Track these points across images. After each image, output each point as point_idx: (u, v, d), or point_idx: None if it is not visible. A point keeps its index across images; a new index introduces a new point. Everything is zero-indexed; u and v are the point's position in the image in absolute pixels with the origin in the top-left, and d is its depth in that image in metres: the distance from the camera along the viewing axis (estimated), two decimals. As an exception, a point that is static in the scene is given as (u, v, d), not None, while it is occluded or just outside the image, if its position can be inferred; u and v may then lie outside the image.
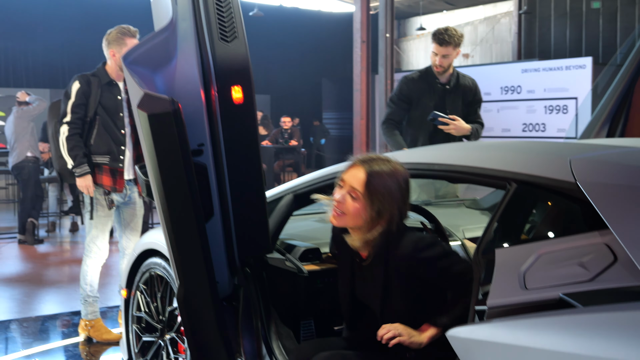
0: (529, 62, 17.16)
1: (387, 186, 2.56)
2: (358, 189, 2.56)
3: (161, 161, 2.46)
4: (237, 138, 2.69)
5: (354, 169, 2.60)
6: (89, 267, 4.87)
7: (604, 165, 2.34)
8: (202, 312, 2.80)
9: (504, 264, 2.23)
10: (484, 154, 2.67)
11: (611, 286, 1.93)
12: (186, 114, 2.48)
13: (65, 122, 4.67)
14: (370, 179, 2.56)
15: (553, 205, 2.43)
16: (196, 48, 2.59)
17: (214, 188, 2.73)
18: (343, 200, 2.59)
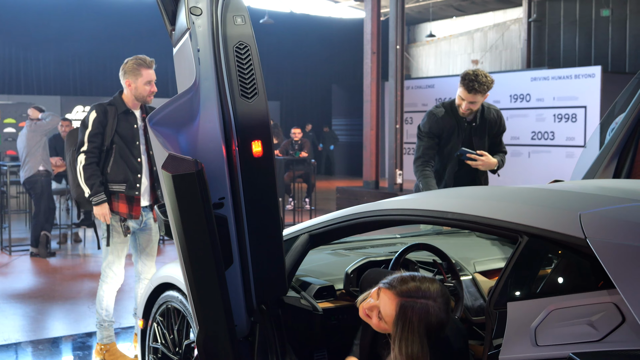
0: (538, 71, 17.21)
1: (414, 327, 2.47)
2: (384, 317, 2.54)
3: (184, 217, 2.54)
4: (256, 190, 2.77)
5: (389, 295, 2.53)
6: (105, 292, 4.95)
7: (613, 222, 2.39)
8: (221, 355, 2.88)
9: (515, 318, 2.30)
10: (496, 205, 2.72)
11: (619, 348, 1.99)
12: (208, 170, 2.55)
13: (82, 151, 4.76)
14: (399, 317, 2.49)
15: (563, 259, 2.49)
16: (218, 106, 2.66)
17: (234, 238, 2.80)
18: (371, 311, 2.59)
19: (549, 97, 15.79)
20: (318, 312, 3.31)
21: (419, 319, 2.45)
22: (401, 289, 2.51)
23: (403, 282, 2.52)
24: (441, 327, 2.52)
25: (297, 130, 13.45)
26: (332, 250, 4.15)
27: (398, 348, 2.46)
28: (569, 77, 15.95)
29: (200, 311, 2.77)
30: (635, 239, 2.26)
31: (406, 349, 2.44)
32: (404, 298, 2.49)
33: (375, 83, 13.08)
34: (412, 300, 2.48)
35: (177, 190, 2.46)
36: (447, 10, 24.21)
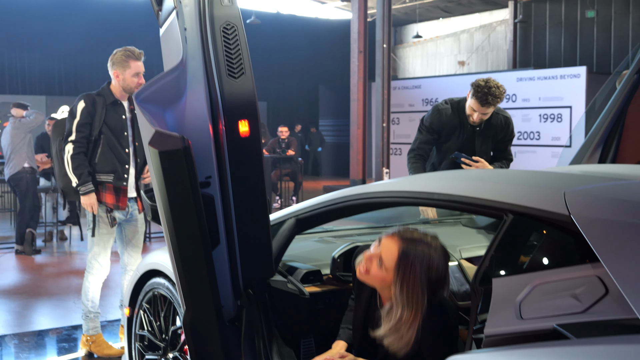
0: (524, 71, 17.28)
1: (415, 279, 2.55)
2: (385, 262, 2.59)
3: (170, 194, 2.54)
4: (243, 170, 2.77)
5: (392, 241, 2.61)
6: (91, 283, 4.94)
7: (598, 199, 2.42)
8: (208, 336, 2.88)
9: (500, 293, 2.31)
10: (482, 185, 2.74)
11: (603, 318, 2.01)
12: (195, 149, 2.56)
13: (70, 141, 4.75)
14: (401, 260, 2.57)
15: (548, 236, 2.51)
16: (205, 85, 2.67)
17: (221, 218, 2.80)
18: (371, 261, 2.63)
19: (535, 98, 15.86)
20: (305, 295, 3.32)
21: (420, 263, 2.54)
22: (404, 234, 2.60)
23: (406, 230, 2.62)
24: (440, 280, 2.59)
25: (284, 129, 13.46)
26: (319, 238, 4.16)
27: (399, 289, 2.53)
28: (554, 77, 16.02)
29: (186, 291, 2.77)
30: (618, 215, 2.28)
31: (407, 290, 2.52)
32: (406, 242, 2.57)
33: (362, 82, 13.11)
34: (414, 246, 2.56)
35: (163, 166, 2.46)
36: (434, 12, 24.28)
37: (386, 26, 12.85)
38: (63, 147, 4.79)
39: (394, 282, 2.57)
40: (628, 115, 4.14)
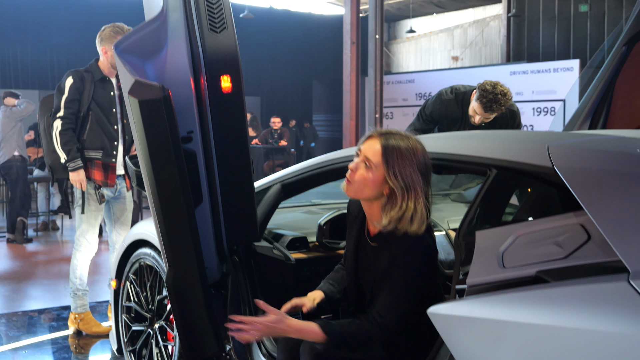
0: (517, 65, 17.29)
1: (404, 162, 2.51)
2: (372, 159, 2.53)
3: (151, 146, 2.52)
4: (226, 126, 2.76)
5: (371, 141, 2.56)
6: (79, 260, 4.92)
7: (580, 151, 2.42)
8: (190, 296, 2.86)
9: (483, 245, 2.30)
10: (466, 142, 2.74)
11: (584, 262, 2.00)
12: (176, 102, 2.54)
13: (58, 117, 4.72)
14: (385, 151, 2.52)
15: (531, 189, 2.51)
16: (186, 38, 2.65)
17: (203, 175, 2.79)
18: (355, 169, 2.56)
19: (528, 91, 15.86)
20: (290, 261, 3.31)
21: (405, 147, 2.51)
22: (380, 132, 2.57)
23: (380, 129, 2.60)
24: (427, 165, 2.56)
25: (276, 120, 13.45)
26: (306, 210, 4.15)
27: (394, 176, 2.49)
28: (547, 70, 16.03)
29: (169, 249, 2.75)
30: (600, 164, 2.28)
31: (401, 173, 2.48)
32: (385, 136, 2.55)
33: (354, 73, 13.08)
34: (393, 137, 2.54)
35: (144, 116, 2.44)
36: (427, 7, 24.27)
37: (378, 17, 12.83)
38: (51, 123, 4.77)
39: (387, 173, 2.50)
40: (616, 88, 4.14)
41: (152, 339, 3.64)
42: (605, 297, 1.85)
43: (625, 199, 2.06)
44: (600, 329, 1.81)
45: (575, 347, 1.85)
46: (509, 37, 21.81)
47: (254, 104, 21.80)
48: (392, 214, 2.50)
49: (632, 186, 2.10)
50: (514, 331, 1.98)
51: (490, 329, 2.05)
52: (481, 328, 2.07)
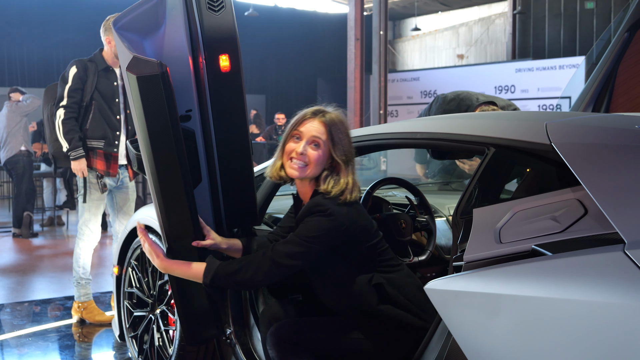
0: (522, 62, 17.27)
1: (344, 136, 2.66)
2: (320, 137, 2.62)
3: (149, 123, 2.53)
4: (224, 106, 2.76)
5: (310, 121, 2.65)
6: (82, 249, 4.94)
7: (577, 127, 2.42)
8: (190, 278, 2.86)
9: (480, 222, 2.31)
10: (464, 122, 2.75)
11: (580, 235, 2.01)
12: (174, 80, 2.55)
13: (61, 106, 4.75)
14: (330, 128, 2.63)
15: (529, 167, 2.51)
16: (184, 17, 2.66)
17: (202, 154, 2.79)
18: (305, 151, 2.62)
19: (534, 88, 15.86)
20: (290, 245, 3.31)
21: (340, 120, 2.67)
22: (314, 110, 2.69)
23: (310, 110, 2.71)
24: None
25: (281, 116, 13.45)
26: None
27: (339, 150, 2.62)
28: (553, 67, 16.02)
29: (168, 229, 2.76)
30: (597, 139, 2.28)
31: (343, 147, 2.63)
32: (322, 114, 2.67)
33: (359, 70, 13.10)
34: (329, 114, 2.67)
35: (142, 93, 2.45)
36: (432, 5, 24.25)
37: (382, 13, 12.85)
38: (54, 112, 4.79)
39: (332, 149, 2.62)
40: (618, 74, 4.14)
41: (154, 324, 3.65)
42: (601, 267, 1.86)
43: (621, 172, 2.07)
44: (595, 300, 1.82)
45: (571, 318, 1.86)
46: (514, 35, 21.78)
47: (259, 101, 21.83)
48: (336, 188, 2.59)
49: (628, 159, 2.11)
50: (510, 304, 1.99)
51: (486, 302, 2.05)
52: (477, 302, 2.08)
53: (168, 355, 3.52)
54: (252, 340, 3.23)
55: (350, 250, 2.63)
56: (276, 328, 2.67)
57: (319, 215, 2.55)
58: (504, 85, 16.39)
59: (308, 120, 2.66)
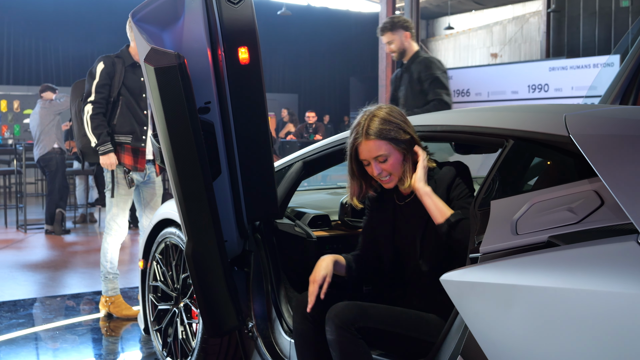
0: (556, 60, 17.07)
1: (392, 130, 2.65)
2: (381, 153, 2.64)
3: (168, 115, 2.55)
4: (244, 98, 2.78)
5: (364, 144, 2.66)
6: (109, 244, 4.99)
7: (596, 119, 2.40)
8: (209, 267, 2.88)
9: (498, 213, 2.30)
10: (483, 115, 2.74)
11: (596, 226, 1.99)
12: (193, 72, 2.57)
13: (89, 102, 4.80)
14: (379, 137, 2.63)
15: (547, 159, 2.49)
16: (203, 9, 2.68)
17: (222, 146, 2.81)
18: (380, 170, 2.66)
19: (567, 87, 15.67)
20: (312, 239, 3.32)
21: (380, 118, 2.66)
22: (358, 131, 2.67)
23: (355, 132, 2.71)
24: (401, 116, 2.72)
25: (311, 114, 13.47)
26: (331, 192, 4.17)
27: (398, 144, 2.65)
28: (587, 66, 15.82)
29: (187, 221, 2.78)
30: (614, 130, 2.26)
31: (397, 139, 2.65)
32: (365, 130, 2.65)
33: (390, 68, 13.07)
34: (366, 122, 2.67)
35: (160, 84, 2.47)
36: (466, 4, 24.12)
37: (414, 10, 12.80)
38: (82, 108, 4.85)
39: (394, 149, 2.65)
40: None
41: (177, 318, 3.68)
42: (615, 257, 1.84)
43: (637, 163, 2.04)
44: (609, 290, 1.80)
45: (585, 308, 1.84)
46: (548, 34, 21.58)
47: (292, 100, 21.88)
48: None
49: (645, 149, 2.08)
50: (526, 295, 1.98)
51: (501, 293, 2.04)
52: (493, 293, 2.07)
53: (191, 349, 3.55)
54: (274, 334, 3.24)
55: None
56: (339, 310, 2.56)
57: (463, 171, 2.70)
58: (537, 84, 16.22)
59: (361, 144, 2.67)
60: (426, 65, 5.15)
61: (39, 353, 4.27)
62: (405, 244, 2.77)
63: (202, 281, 2.89)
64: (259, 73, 2.76)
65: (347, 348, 2.50)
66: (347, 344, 2.50)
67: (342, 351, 2.50)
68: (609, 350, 1.79)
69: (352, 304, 2.58)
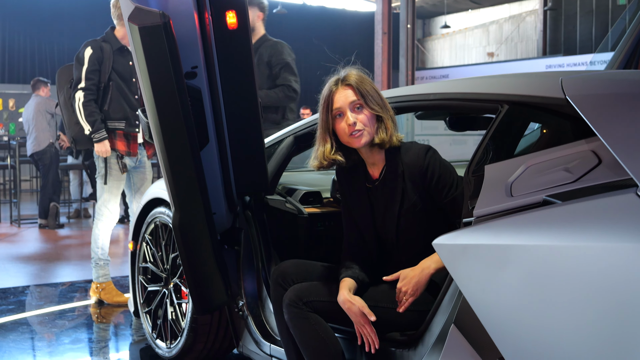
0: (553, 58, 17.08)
1: (372, 88, 2.63)
2: (357, 99, 2.59)
3: (153, 77, 2.48)
4: (232, 63, 2.71)
5: (339, 92, 2.63)
6: (100, 230, 4.93)
7: (593, 80, 2.34)
8: (198, 240, 2.80)
9: (492, 177, 2.24)
10: (477, 82, 2.68)
11: (593, 184, 1.93)
12: (179, 34, 2.50)
13: (80, 88, 4.73)
14: (358, 89, 2.60)
15: (543, 122, 2.44)
16: None
17: (209, 114, 2.74)
18: (355, 119, 2.58)
19: (565, 85, 15.61)
20: (303, 215, 3.26)
21: (362, 74, 2.69)
22: (337, 79, 2.68)
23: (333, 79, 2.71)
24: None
25: (306, 111, 13.41)
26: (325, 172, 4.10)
27: (374, 103, 2.61)
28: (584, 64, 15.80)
29: (174, 190, 2.71)
30: (611, 89, 2.21)
31: (374, 98, 2.62)
32: (344, 79, 2.66)
33: (386, 64, 13.02)
34: (348, 75, 2.68)
35: (144, 45, 2.41)
36: (462, 3, 24.09)
37: (410, 6, 12.76)
38: (72, 95, 4.77)
39: (369, 107, 2.59)
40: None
41: (167, 299, 3.61)
42: (614, 210, 1.78)
43: (636, 119, 1.98)
44: (609, 244, 1.74)
45: (584, 264, 1.78)
46: (545, 32, 21.57)
47: (288, 99, 21.80)
48: (385, 137, 2.60)
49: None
50: (520, 255, 1.92)
51: (495, 254, 1.98)
52: (486, 255, 2.01)
53: (181, 329, 3.49)
54: (265, 312, 3.18)
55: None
56: (289, 291, 2.62)
57: (432, 155, 2.61)
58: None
59: (335, 92, 2.63)
60: (278, 50, 5.17)
61: (28, 337, 4.20)
62: (383, 223, 2.70)
63: (189, 254, 2.82)
64: (247, 39, 2.70)
65: (297, 322, 2.58)
66: (296, 319, 2.57)
67: (293, 327, 2.59)
68: (608, 306, 1.73)
69: (304, 285, 2.65)
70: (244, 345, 3.25)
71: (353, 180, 2.77)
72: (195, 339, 3.37)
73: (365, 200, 2.73)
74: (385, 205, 2.67)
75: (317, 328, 2.56)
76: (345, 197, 2.82)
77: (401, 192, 2.62)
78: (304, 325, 2.57)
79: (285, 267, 2.77)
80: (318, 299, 2.59)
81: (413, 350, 2.45)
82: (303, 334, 2.57)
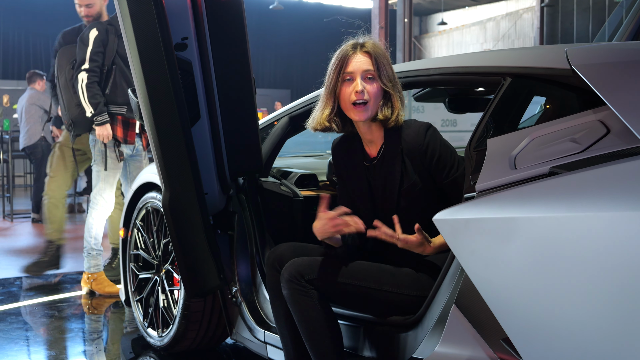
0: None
1: (388, 62, 2.52)
2: (372, 68, 2.48)
3: (141, 47, 2.37)
4: (224, 36, 2.61)
5: (355, 57, 2.50)
6: (94, 219, 4.82)
7: (598, 50, 2.26)
8: (189, 220, 2.70)
9: (495, 151, 2.15)
10: (479, 55, 2.59)
11: (602, 153, 1.84)
12: (168, 3, 2.40)
13: (83, 69, 4.61)
14: (377, 58, 2.49)
15: (547, 94, 2.35)
16: None
17: (200, 88, 2.64)
18: (363, 88, 2.46)
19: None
20: (298, 198, 3.17)
21: (382, 46, 2.61)
22: (354, 44, 2.56)
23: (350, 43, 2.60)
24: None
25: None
26: (319, 157, 4.02)
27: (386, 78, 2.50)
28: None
29: (164, 168, 2.60)
30: (618, 57, 2.12)
31: (388, 74, 2.50)
32: (362, 45, 2.55)
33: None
34: (367, 42, 2.57)
35: (131, 11, 2.31)
36: (460, 0, 24.04)
37: (407, 6, 12.69)
38: (75, 76, 4.66)
39: (381, 80, 2.48)
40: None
41: (159, 286, 3.52)
42: (625, 178, 1.69)
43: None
44: (621, 213, 1.65)
45: (593, 235, 1.69)
46: (542, 29, 21.51)
47: (285, 96, 21.75)
48: (389, 115, 2.49)
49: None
50: (525, 227, 1.82)
51: (498, 227, 1.89)
52: (489, 228, 1.92)
53: (173, 317, 3.39)
54: (259, 299, 3.08)
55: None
56: (289, 265, 2.48)
57: (433, 133, 2.50)
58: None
59: (352, 56, 2.51)
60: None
61: (18, 327, 4.09)
62: (383, 204, 2.60)
63: (180, 235, 2.71)
64: (240, 11, 2.59)
65: (298, 299, 2.43)
66: (297, 295, 2.43)
67: (293, 303, 2.45)
68: (621, 278, 1.64)
69: (304, 259, 2.51)
70: (237, 333, 3.15)
71: (350, 159, 2.66)
72: (187, 327, 3.27)
73: (363, 179, 2.63)
74: (384, 184, 2.57)
75: (320, 306, 2.44)
76: (342, 177, 2.72)
77: (400, 171, 2.52)
78: (305, 302, 2.43)
79: (281, 251, 2.65)
80: (319, 278, 2.46)
81: (414, 332, 2.36)
82: (304, 311, 2.43)
